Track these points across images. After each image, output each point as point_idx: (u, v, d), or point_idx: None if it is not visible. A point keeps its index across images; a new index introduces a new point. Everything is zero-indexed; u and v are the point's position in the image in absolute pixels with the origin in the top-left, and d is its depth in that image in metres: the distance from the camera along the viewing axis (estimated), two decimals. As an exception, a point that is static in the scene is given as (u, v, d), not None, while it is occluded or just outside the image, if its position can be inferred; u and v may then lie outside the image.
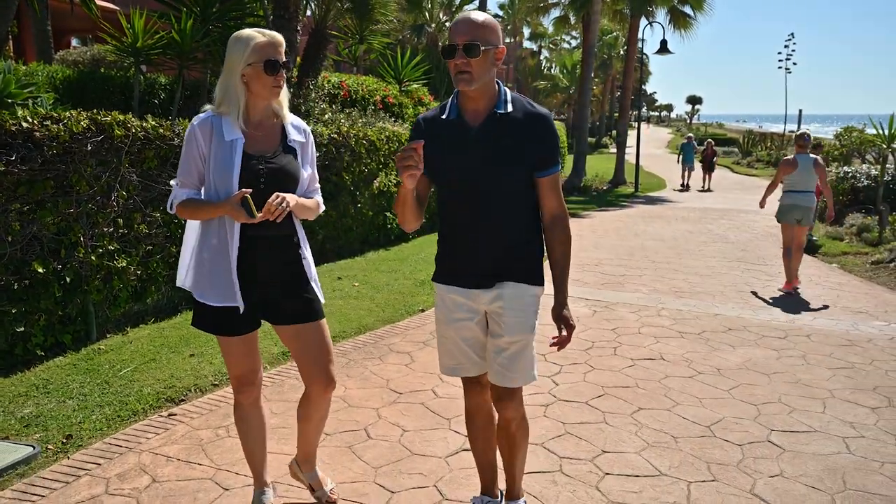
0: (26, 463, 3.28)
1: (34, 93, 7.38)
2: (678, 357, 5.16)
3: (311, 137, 2.74)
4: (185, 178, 2.56)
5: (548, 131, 2.41)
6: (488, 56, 2.31)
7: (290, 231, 2.66)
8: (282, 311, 2.66)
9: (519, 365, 2.51)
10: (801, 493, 3.20)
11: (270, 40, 2.52)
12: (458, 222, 2.50)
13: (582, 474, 3.34)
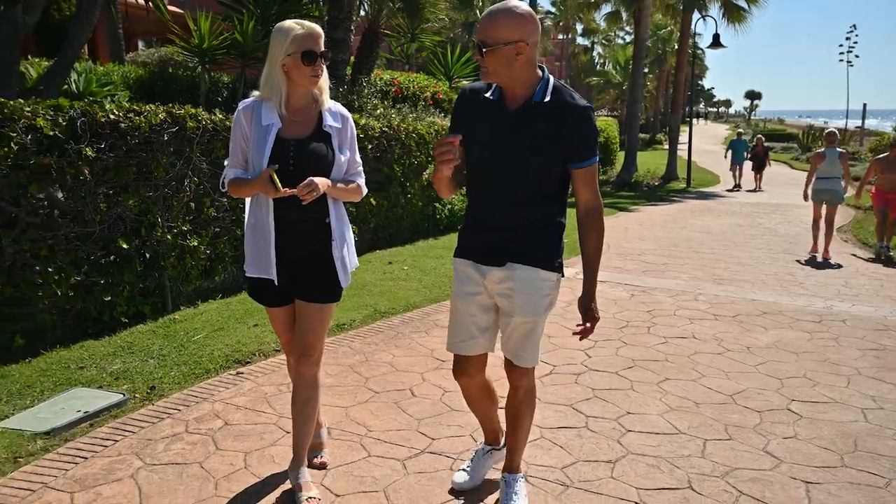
0: (118, 407, 3.78)
1: (112, 91, 8.05)
2: (709, 336, 5.41)
3: (350, 123, 2.87)
4: (233, 159, 2.79)
5: (584, 123, 2.42)
6: (498, 54, 2.35)
7: (321, 214, 2.79)
8: (299, 287, 2.84)
9: (529, 345, 2.62)
10: (811, 453, 3.45)
11: (309, 32, 2.65)
12: (482, 199, 2.57)
13: (606, 430, 3.66)
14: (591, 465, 3.28)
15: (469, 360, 2.72)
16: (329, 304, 2.87)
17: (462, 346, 2.68)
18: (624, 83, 40.10)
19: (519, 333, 2.61)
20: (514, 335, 2.62)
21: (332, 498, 2.93)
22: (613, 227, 11.79)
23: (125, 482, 3.03)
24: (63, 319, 4.74)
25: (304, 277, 2.82)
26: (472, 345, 2.68)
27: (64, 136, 4.50)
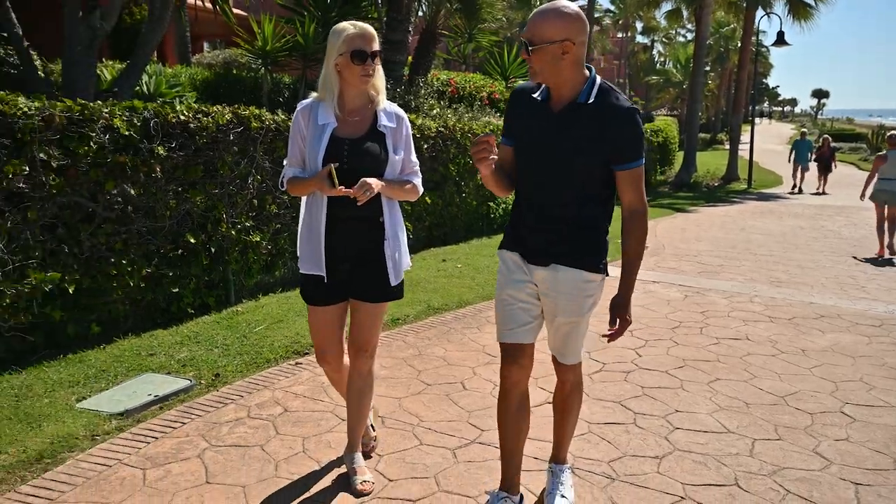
0: (185, 392, 4.01)
1: (180, 92, 8.40)
2: (763, 338, 5.36)
3: (406, 123, 2.90)
4: (291, 158, 2.86)
5: (628, 125, 2.40)
6: (544, 53, 2.36)
7: (374, 213, 2.84)
8: (353, 286, 2.91)
9: (571, 343, 2.67)
10: (863, 455, 3.43)
11: (361, 32, 2.70)
12: (527, 197, 2.58)
13: (654, 427, 3.70)
14: (638, 460, 3.33)
15: (521, 349, 2.65)
16: (382, 303, 2.94)
17: (513, 334, 2.64)
18: (684, 82, 39.38)
19: (562, 333, 2.64)
20: (558, 334, 2.66)
21: (385, 482, 3.07)
22: (670, 228, 11.67)
23: (192, 461, 3.23)
24: (134, 309, 5.02)
25: (357, 276, 2.88)
26: (524, 332, 2.64)
27: (138, 135, 4.76)
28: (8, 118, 3.96)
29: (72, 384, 4.06)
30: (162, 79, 8.21)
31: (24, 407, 3.71)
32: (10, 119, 3.97)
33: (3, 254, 4.03)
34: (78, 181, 4.42)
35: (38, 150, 4.14)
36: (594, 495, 3.00)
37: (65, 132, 4.30)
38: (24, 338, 4.32)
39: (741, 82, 23.45)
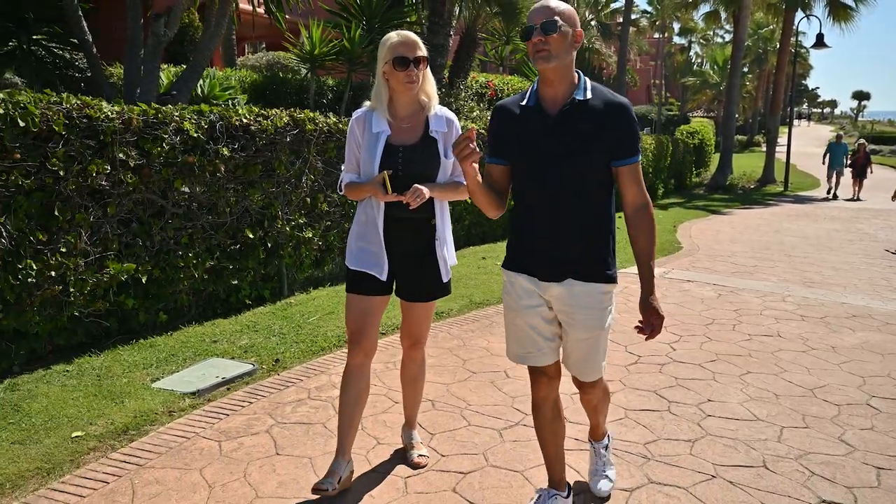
0: (249, 375, 4.35)
1: (232, 95, 8.80)
2: (795, 335, 5.55)
3: (456, 126, 2.97)
4: (348, 164, 2.99)
5: (626, 119, 2.40)
6: (566, 36, 2.36)
7: (427, 215, 2.94)
8: (405, 287, 3.03)
9: (593, 360, 2.61)
10: (886, 443, 3.63)
11: (402, 39, 2.81)
12: (531, 211, 2.52)
13: (687, 414, 3.94)
14: (672, 443, 3.58)
15: (543, 369, 2.65)
16: (435, 301, 3.09)
17: (531, 358, 2.62)
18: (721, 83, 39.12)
19: (582, 350, 2.59)
20: (577, 352, 2.60)
21: (438, 457, 3.36)
22: (705, 230, 11.79)
23: (262, 435, 3.56)
24: (197, 300, 5.38)
25: (410, 276, 3.00)
26: (541, 355, 2.61)
27: (205, 137, 5.13)
28: (93, 122, 4.33)
29: (145, 366, 4.42)
30: (216, 82, 8.61)
31: (106, 385, 4.08)
32: (94, 122, 4.35)
33: (86, 245, 4.40)
34: (151, 179, 4.79)
35: (118, 151, 4.51)
36: (631, 472, 3.25)
37: (141, 134, 4.67)
38: (101, 323, 4.70)
39: (779, 84, 23.32)
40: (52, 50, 7.86)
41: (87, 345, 4.65)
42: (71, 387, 4.02)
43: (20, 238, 4.02)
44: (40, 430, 3.48)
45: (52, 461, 3.20)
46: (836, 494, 3.09)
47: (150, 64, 6.93)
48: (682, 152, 19.30)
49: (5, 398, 3.82)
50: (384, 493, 3.03)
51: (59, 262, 4.22)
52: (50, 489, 2.98)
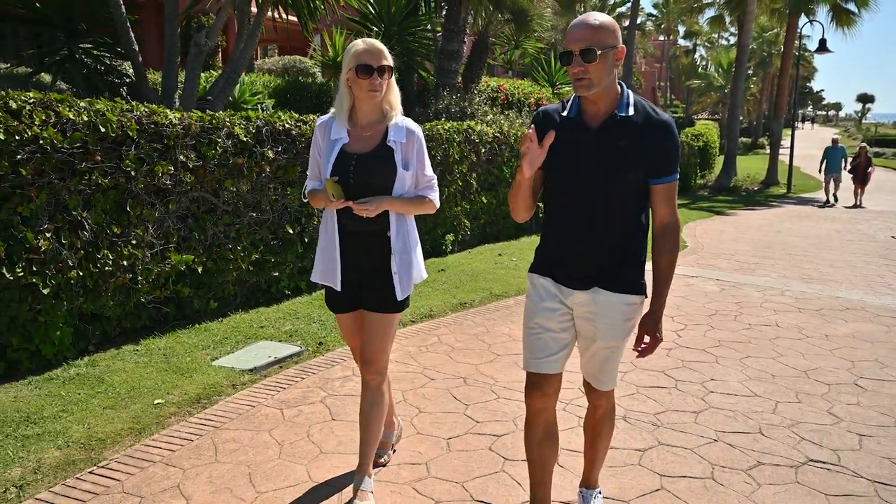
0: (297, 356, 4.83)
1: (260, 99, 9.30)
2: (792, 325, 6.01)
3: (417, 137, 2.89)
4: (310, 171, 2.99)
5: (668, 139, 2.38)
6: (607, 59, 2.31)
7: (381, 228, 2.86)
8: (362, 296, 2.98)
9: (609, 368, 2.61)
10: (869, 416, 4.10)
11: (367, 48, 2.74)
12: (563, 220, 2.51)
13: (692, 391, 4.42)
14: (679, 413, 4.05)
15: (547, 378, 2.57)
16: (389, 315, 2.94)
17: (541, 364, 2.55)
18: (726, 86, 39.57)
19: (600, 358, 2.58)
20: (595, 359, 2.60)
21: (474, 423, 3.84)
22: (709, 230, 12.25)
23: (317, 405, 4.04)
24: (242, 289, 5.87)
25: (366, 288, 2.95)
26: (551, 362, 2.55)
27: (252, 141, 5.62)
28: (160, 127, 4.83)
29: (204, 347, 4.91)
30: (245, 88, 9.11)
31: (173, 362, 4.57)
32: (161, 128, 4.84)
33: (152, 238, 4.90)
34: (205, 179, 5.28)
35: (179, 153, 5.00)
36: (643, 436, 3.73)
37: (198, 138, 5.16)
38: (161, 309, 5.19)
39: (782, 88, 23.75)
40: (98, 58, 8.37)
41: (149, 328, 5.14)
42: (143, 363, 4.52)
43: (98, 231, 4.51)
44: (125, 398, 3.98)
45: (141, 423, 3.69)
46: (822, 455, 3.57)
47: (192, 71, 7.43)
48: (687, 154, 19.75)
49: (89, 372, 4.31)
50: (430, 451, 3.51)
51: (129, 253, 4.72)
52: (144, 445, 3.47)
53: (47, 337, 4.28)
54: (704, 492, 3.18)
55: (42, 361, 4.32)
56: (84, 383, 4.15)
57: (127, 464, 3.28)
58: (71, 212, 4.32)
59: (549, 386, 2.57)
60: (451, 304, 6.29)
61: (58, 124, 4.19)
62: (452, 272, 7.61)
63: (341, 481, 3.18)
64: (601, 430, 2.77)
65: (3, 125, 3.87)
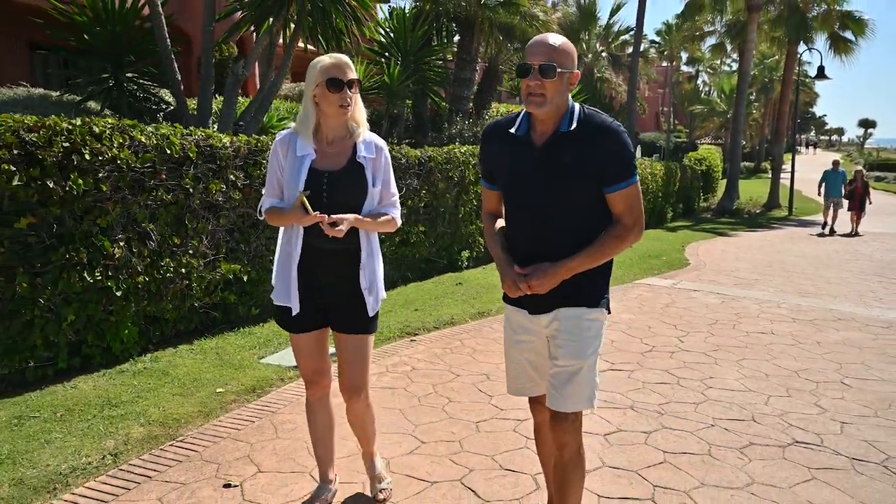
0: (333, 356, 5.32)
1: (286, 125, 9.89)
2: (786, 333, 6.51)
3: (385, 154, 2.85)
4: (269, 188, 2.83)
5: (614, 143, 2.32)
6: (563, 79, 2.30)
7: (351, 246, 2.77)
8: (334, 318, 2.89)
9: (570, 389, 2.42)
10: (852, 409, 4.58)
11: (335, 62, 2.69)
12: (519, 238, 2.48)
13: (693, 386, 4.91)
14: (681, 404, 4.55)
15: (539, 398, 2.63)
16: (365, 336, 2.90)
17: (523, 390, 2.63)
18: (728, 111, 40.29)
19: (561, 378, 2.44)
20: (557, 379, 2.45)
21: (498, 410, 4.34)
22: (711, 249, 12.77)
23: (358, 395, 4.55)
24: (280, 298, 6.39)
25: (336, 309, 2.86)
26: (535, 387, 2.62)
27: (291, 162, 6.18)
28: (214, 149, 5.39)
29: (250, 347, 5.43)
30: (273, 113, 9.71)
31: (226, 359, 5.09)
32: (215, 150, 5.40)
33: (206, 249, 5.44)
34: (250, 196, 5.84)
35: (230, 173, 5.56)
36: (648, 422, 4.23)
37: (246, 160, 5.72)
38: (209, 313, 5.72)
39: (783, 113, 24.39)
40: (142, 86, 8.99)
41: (199, 331, 5.66)
42: (199, 360, 5.04)
43: (162, 241, 5.06)
44: (190, 387, 4.50)
45: (207, 407, 4.20)
46: (807, 438, 4.06)
47: (229, 98, 8.03)
48: (691, 178, 20.32)
49: (153, 366, 4.83)
50: (462, 432, 4.02)
51: (187, 262, 5.26)
52: (212, 424, 3.99)
53: (117, 335, 4.80)
54: (702, 464, 3.67)
55: (111, 357, 4.84)
56: (151, 375, 4.67)
57: (201, 438, 3.80)
58: (140, 224, 4.88)
59: (541, 402, 2.65)
60: (470, 312, 6.81)
61: (131, 146, 4.76)
62: (469, 285, 8.13)
63: (383, 452, 3.69)
64: (570, 477, 2.51)
65: (88, 147, 4.43)
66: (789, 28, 21.99)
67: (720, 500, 3.29)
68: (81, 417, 3.96)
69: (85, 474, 3.34)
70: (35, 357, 4.41)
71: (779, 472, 3.60)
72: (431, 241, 8.45)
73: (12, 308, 4.20)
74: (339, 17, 7.91)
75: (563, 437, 2.47)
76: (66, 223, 4.41)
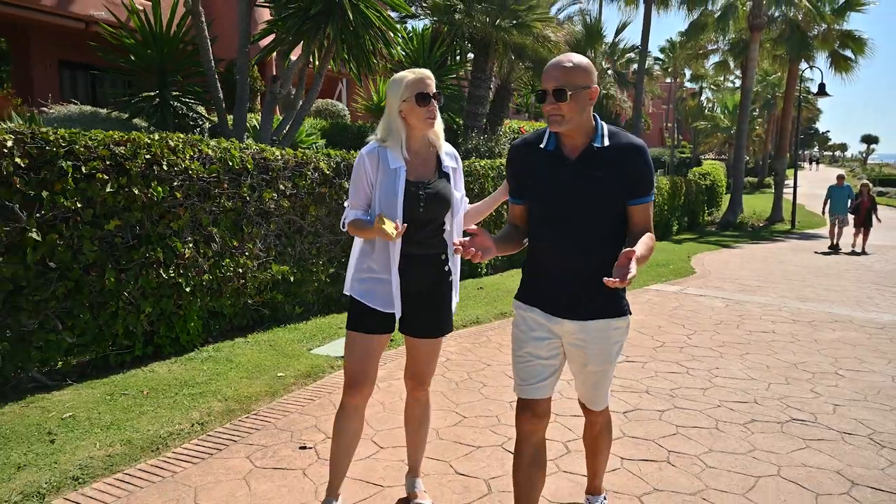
0: (376, 348, 5.91)
1: (315, 139, 10.51)
2: (786, 332, 7.05)
3: (461, 163, 3.01)
4: (354, 200, 2.87)
5: (640, 161, 2.48)
6: (579, 98, 2.42)
7: (441, 251, 2.92)
8: (415, 324, 2.95)
9: (601, 390, 2.73)
10: (845, 395, 5.11)
11: (420, 77, 2.78)
12: (547, 250, 2.58)
13: (701, 375, 5.45)
14: (690, 389, 5.08)
15: (538, 402, 2.65)
16: (443, 337, 3.04)
17: (532, 390, 2.63)
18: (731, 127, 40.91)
19: (592, 381, 2.68)
20: (588, 383, 2.70)
21: (528, 393, 4.88)
22: (716, 260, 13.31)
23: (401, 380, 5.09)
24: (319, 298, 6.96)
25: (420, 312, 2.93)
26: (541, 387, 2.63)
27: (332, 173, 6.76)
28: (268, 161, 5.98)
29: (299, 341, 5.99)
30: (303, 129, 10.32)
31: (280, 350, 5.65)
32: (268, 162, 6.00)
33: (259, 251, 6.02)
34: (296, 205, 6.42)
35: (280, 183, 6.15)
36: (662, 403, 4.77)
37: (294, 171, 6.31)
38: (259, 311, 6.28)
39: (785, 129, 25.00)
40: (186, 103, 9.64)
41: (250, 326, 6.23)
42: (256, 350, 5.60)
43: (223, 244, 5.64)
44: (254, 372, 5.05)
45: (272, 388, 4.76)
46: (803, 416, 4.59)
47: (267, 114, 8.65)
48: (695, 192, 20.89)
49: (217, 355, 5.40)
50: (497, 409, 4.56)
51: (243, 263, 5.83)
52: (279, 402, 4.54)
53: (185, 327, 5.37)
54: (710, 436, 4.20)
55: (179, 347, 5.40)
56: (217, 362, 5.23)
57: (272, 412, 4.35)
58: (205, 228, 5.46)
59: (539, 409, 2.64)
60: (493, 313, 7.37)
61: (200, 158, 5.35)
62: (490, 290, 8.69)
63: (431, 424, 4.23)
64: (600, 444, 2.92)
65: (165, 159, 5.02)
66: (790, 46, 22.60)
67: (726, 462, 3.82)
68: (165, 395, 4.52)
69: (180, 438, 3.90)
70: (116, 344, 4.97)
71: (777, 442, 4.13)
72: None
73: (101, 300, 4.77)
74: (370, 39, 8.52)
75: (595, 418, 2.87)
76: (145, 226, 4.99)
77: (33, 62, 13.83)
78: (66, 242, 4.50)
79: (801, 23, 22.71)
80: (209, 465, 3.60)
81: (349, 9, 7.92)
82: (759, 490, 3.49)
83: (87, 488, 3.31)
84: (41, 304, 4.43)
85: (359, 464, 3.66)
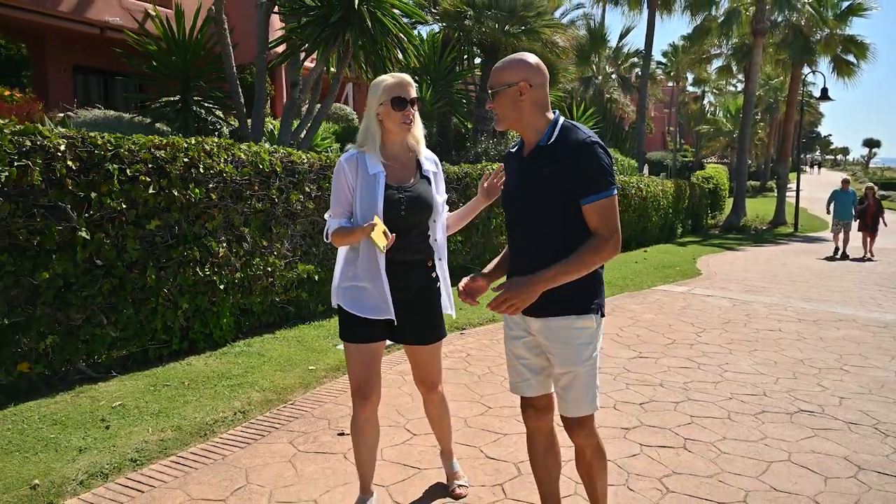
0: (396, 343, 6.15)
1: (329, 143, 10.76)
2: (792, 331, 7.28)
3: (441, 168, 3.02)
4: (336, 209, 2.85)
5: (588, 157, 2.38)
6: (505, 95, 2.44)
7: (426, 255, 2.92)
8: (406, 331, 2.95)
9: (572, 395, 2.50)
10: (850, 389, 5.34)
11: (398, 81, 2.78)
12: (513, 249, 2.62)
13: (711, 370, 5.68)
14: (702, 383, 5.32)
15: (530, 400, 2.68)
16: (440, 341, 3.03)
17: (518, 388, 2.67)
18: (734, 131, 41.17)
19: (560, 384, 2.54)
20: (557, 385, 2.57)
21: (548, 386, 5.12)
22: (721, 262, 13.55)
23: (427, 373, 5.33)
24: (340, 297, 7.19)
25: (412, 318, 2.93)
26: (527, 386, 2.64)
27: (354, 177, 7.01)
28: (295, 165, 6.23)
29: (325, 337, 6.23)
30: (319, 133, 10.58)
31: (307, 345, 5.89)
32: (295, 165, 6.25)
33: (286, 251, 6.27)
34: (320, 206, 6.66)
35: (306, 185, 6.40)
36: (676, 395, 5.00)
37: (319, 173, 6.56)
38: (285, 308, 6.52)
39: (787, 133, 25.23)
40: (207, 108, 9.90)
41: (277, 323, 6.47)
42: (286, 345, 5.84)
43: (254, 243, 5.89)
44: (286, 366, 5.30)
45: (305, 380, 5.00)
46: (811, 407, 4.83)
47: (287, 119, 8.90)
48: (699, 196, 21.13)
49: (249, 350, 5.64)
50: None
51: (272, 262, 6.08)
52: (312, 393, 4.78)
53: (218, 323, 5.61)
54: (723, 425, 4.44)
55: (212, 342, 5.65)
56: (250, 356, 5.47)
57: (308, 402, 4.60)
58: (237, 228, 5.71)
59: (539, 404, 2.66)
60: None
61: (233, 161, 5.60)
62: (503, 290, 8.93)
63: (459, 413, 4.47)
64: (594, 472, 2.68)
65: (202, 162, 5.27)
66: (793, 51, 22.85)
67: (739, 448, 4.06)
68: (206, 386, 4.77)
69: (224, 425, 4.15)
70: (155, 339, 5.22)
71: (787, 430, 4.37)
72: (467, 249, 9.25)
73: (142, 296, 5.02)
74: (386, 45, 8.76)
75: (579, 441, 2.61)
76: (182, 226, 5.23)
77: (48, 67, 14.11)
78: (111, 241, 4.74)
79: (803, 28, 22.98)
80: (255, 449, 3.85)
81: (367, 17, 8.17)
82: (771, 473, 3.73)
83: (145, 469, 3.56)
84: (88, 300, 4.68)
85: (395, 449, 3.90)
